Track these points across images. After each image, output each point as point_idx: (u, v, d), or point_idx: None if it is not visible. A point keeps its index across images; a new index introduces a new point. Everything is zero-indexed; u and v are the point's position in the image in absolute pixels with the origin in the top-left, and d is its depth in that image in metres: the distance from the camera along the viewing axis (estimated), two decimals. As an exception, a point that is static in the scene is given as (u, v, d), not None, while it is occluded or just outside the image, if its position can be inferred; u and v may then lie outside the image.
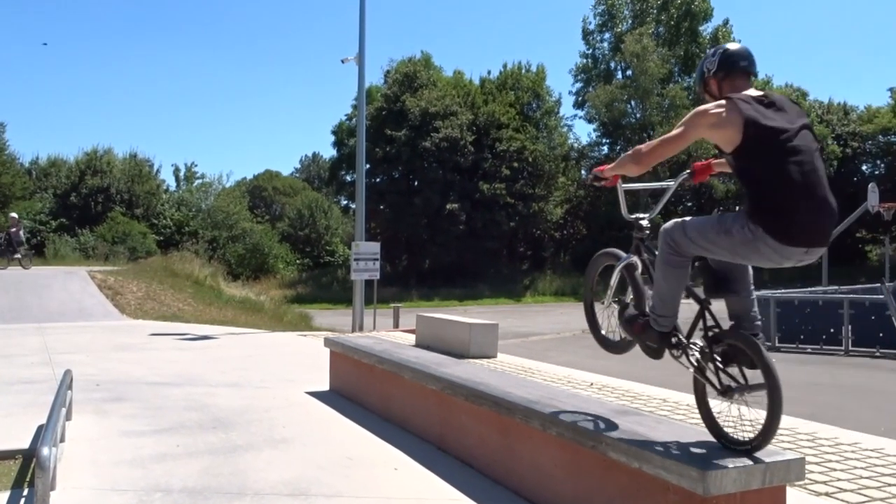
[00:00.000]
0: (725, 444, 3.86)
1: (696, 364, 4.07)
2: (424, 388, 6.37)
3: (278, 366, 11.11)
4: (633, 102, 52.80)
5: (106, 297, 20.09)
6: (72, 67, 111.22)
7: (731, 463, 3.57)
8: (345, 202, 58.10)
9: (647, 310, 4.27)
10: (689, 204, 57.12)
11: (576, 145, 57.23)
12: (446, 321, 12.35)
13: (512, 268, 50.48)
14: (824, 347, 17.55)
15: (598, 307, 4.87)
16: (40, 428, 5.64)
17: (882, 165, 55.31)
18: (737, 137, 3.65)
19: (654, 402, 7.83)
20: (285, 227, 56.70)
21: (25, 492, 4.94)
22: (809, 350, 17.62)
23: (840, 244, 41.73)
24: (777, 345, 18.26)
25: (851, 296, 19.04)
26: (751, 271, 4.09)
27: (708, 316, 4.06)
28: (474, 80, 52.94)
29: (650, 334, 4.17)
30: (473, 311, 32.12)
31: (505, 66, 53.06)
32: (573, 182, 56.25)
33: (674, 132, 3.83)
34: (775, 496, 3.72)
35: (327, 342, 9.12)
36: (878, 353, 16.64)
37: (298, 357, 12.15)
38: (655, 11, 55.58)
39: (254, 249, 47.77)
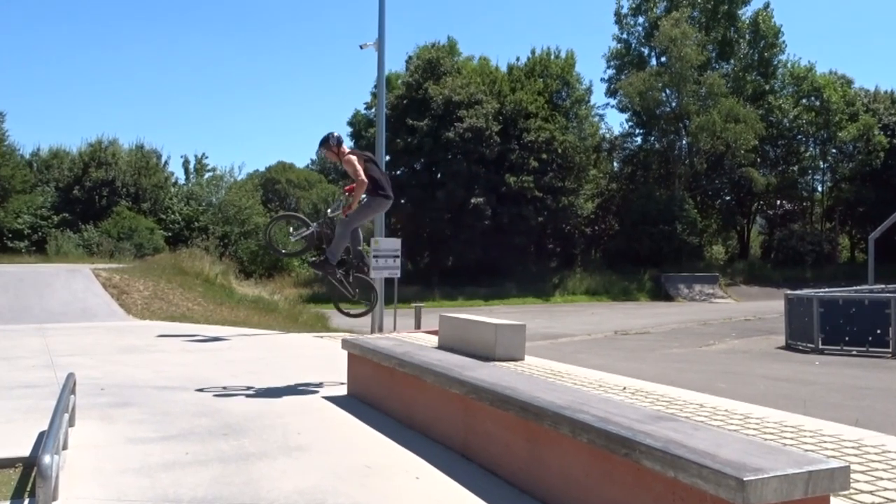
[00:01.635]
0: (344, 313, 10.59)
1: (340, 280, 9.65)
2: (448, 393, 6.36)
3: (293, 369, 11.12)
4: (668, 90, 52.48)
5: (111, 297, 20.25)
6: (75, 53, 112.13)
7: (771, 472, 3.52)
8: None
9: (327, 253, 9.54)
10: (728, 198, 57.04)
11: (608, 136, 57.14)
12: (471, 322, 12.34)
13: (540, 265, 50.36)
14: (870, 349, 17.45)
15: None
16: (42, 435, 5.68)
17: (932, 158, 54.74)
18: (365, 167, 9.22)
19: (691, 407, 7.79)
20: (300, 223, 56.62)
21: (26, 502, 4.97)
22: (854, 352, 17.52)
23: (887, 241, 41.33)
24: (820, 346, 18.16)
25: (900, 295, 18.87)
26: (360, 236, 9.78)
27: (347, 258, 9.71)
28: (501, 66, 52.92)
29: (328, 265, 9.43)
30: (499, 311, 32.12)
31: (533, 52, 52.99)
32: (605, 175, 56.13)
33: (358, 175, 8.98)
34: (819, 507, 3.69)
35: (345, 344, 9.13)
36: (928, 356, 16.50)
37: (314, 360, 12.18)
38: (691, -6, 55.33)
39: (267, 246, 47.61)
